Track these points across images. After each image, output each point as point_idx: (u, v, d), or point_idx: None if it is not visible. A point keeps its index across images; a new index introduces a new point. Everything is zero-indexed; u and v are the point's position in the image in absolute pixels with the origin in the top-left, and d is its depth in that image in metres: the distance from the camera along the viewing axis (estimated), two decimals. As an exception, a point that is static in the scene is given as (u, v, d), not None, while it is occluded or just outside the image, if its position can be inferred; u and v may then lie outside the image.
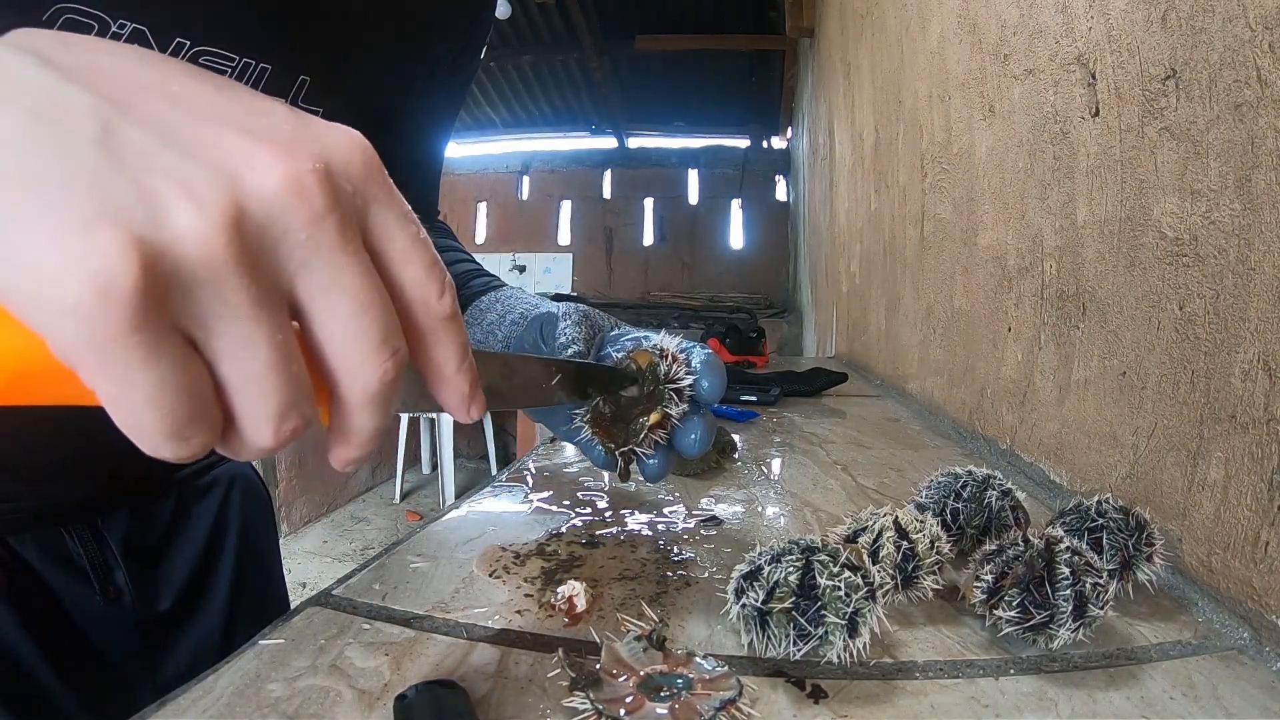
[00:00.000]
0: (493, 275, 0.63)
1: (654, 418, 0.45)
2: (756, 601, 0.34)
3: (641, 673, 0.30)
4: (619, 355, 0.46)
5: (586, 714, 0.28)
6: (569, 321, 0.50)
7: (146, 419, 0.18)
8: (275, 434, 0.20)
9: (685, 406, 0.46)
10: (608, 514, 0.55)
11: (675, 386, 0.45)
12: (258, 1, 0.42)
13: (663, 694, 0.29)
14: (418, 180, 0.66)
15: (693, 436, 0.45)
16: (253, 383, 0.19)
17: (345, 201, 0.20)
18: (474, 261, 0.65)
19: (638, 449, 0.46)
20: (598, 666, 0.31)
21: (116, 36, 0.37)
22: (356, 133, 0.21)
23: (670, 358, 0.45)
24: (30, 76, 0.18)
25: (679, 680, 0.30)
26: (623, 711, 0.28)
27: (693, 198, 6.39)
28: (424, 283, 0.22)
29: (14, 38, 0.20)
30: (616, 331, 0.52)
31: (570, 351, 0.47)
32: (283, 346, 0.19)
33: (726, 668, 0.31)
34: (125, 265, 0.16)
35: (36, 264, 0.16)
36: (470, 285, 0.60)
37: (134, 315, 0.16)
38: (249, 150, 0.19)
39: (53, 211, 0.16)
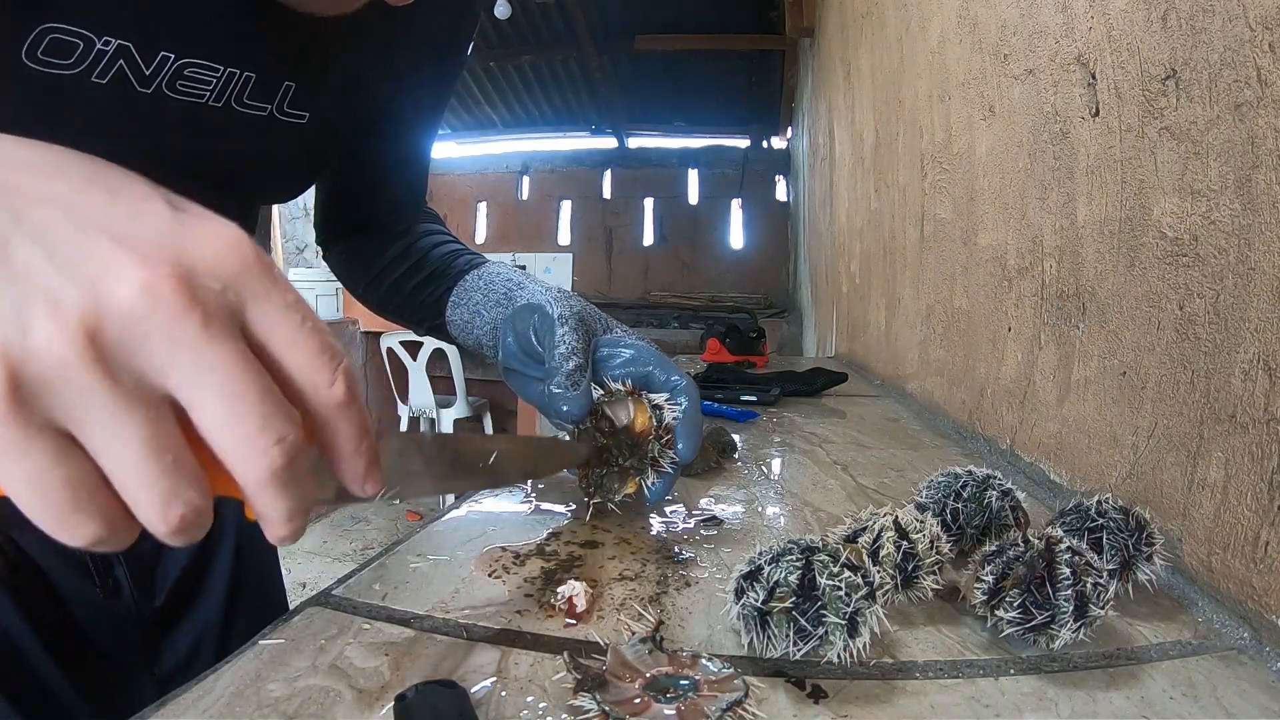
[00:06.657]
0: (476, 253, 0.66)
1: (630, 488, 0.51)
2: (756, 601, 0.34)
3: (647, 675, 0.30)
4: (604, 396, 0.51)
5: (593, 715, 0.28)
6: (567, 328, 0.51)
7: (32, 504, 0.20)
8: (165, 520, 0.21)
9: (657, 475, 0.51)
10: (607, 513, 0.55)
11: (658, 466, 0.51)
12: (240, 12, 0.43)
13: (669, 695, 0.29)
14: (406, 176, 0.69)
15: (657, 487, 0.52)
16: (130, 473, 0.21)
17: (209, 299, 0.21)
18: (458, 242, 0.69)
19: (611, 501, 0.52)
20: (603, 668, 0.31)
21: (102, 53, 0.39)
22: (234, 230, 0.22)
23: (658, 431, 0.50)
24: None
25: (685, 682, 0.30)
26: (630, 714, 0.28)
27: (693, 198, 6.40)
28: (312, 370, 0.23)
29: None
30: (609, 336, 0.53)
31: (571, 365, 0.50)
32: (154, 439, 0.20)
33: (731, 669, 0.31)
34: None
35: None
36: (454, 265, 0.64)
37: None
38: (112, 260, 0.20)
39: None
